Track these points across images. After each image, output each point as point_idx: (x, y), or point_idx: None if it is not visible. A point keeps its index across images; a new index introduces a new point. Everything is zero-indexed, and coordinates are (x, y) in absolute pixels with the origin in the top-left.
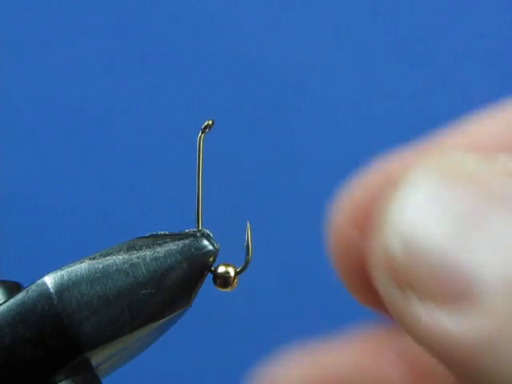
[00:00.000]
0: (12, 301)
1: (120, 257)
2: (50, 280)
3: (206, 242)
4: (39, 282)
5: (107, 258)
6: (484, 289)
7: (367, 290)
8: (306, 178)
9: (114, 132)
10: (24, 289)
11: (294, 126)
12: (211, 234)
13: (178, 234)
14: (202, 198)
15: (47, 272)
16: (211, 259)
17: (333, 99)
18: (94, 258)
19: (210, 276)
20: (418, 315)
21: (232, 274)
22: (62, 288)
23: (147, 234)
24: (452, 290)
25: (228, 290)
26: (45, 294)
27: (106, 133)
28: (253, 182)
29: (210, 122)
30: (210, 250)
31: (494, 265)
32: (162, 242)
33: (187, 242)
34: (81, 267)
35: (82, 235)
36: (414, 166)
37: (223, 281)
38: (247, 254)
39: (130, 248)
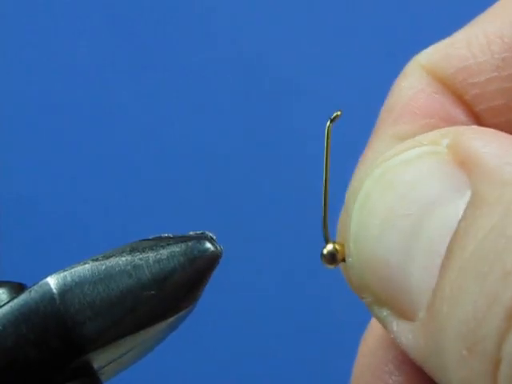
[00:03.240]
0: (15, 301)
1: (123, 258)
2: (52, 281)
3: (209, 245)
4: (42, 282)
5: (110, 259)
6: (418, 307)
7: None
8: (306, 177)
9: (117, 134)
10: (27, 289)
11: (293, 126)
12: (214, 237)
13: (181, 237)
14: (328, 198)
15: (50, 273)
16: (214, 262)
17: (332, 99)
18: (97, 260)
19: (212, 278)
20: (382, 320)
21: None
22: (65, 289)
23: (151, 237)
24: (396, 303)
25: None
26: (47, 295)
27: (108, 134)
28: (253, 182)
29: (339, 113)
30: (214, 253)
31: (428, 281)
32: (165, 244)
33: (190, 244)
34: (84, 268)
35: (86, 237)
36: (366, 174)
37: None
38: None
39: (134, 250)
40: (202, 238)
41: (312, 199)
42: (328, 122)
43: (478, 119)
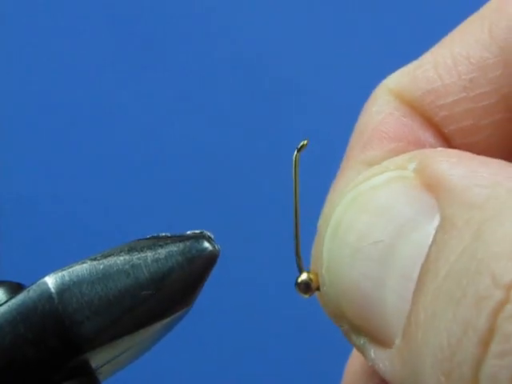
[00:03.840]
0: (13, 301)
1: (121, 258)
2: (51, 280)
3: (207, 244)
4: (40, 281)
5: (108, 258)
6: (394, 333)
7: None
8: (305, 176)
9: (117, 134)
10: (25, 289)
11: (293, 126)
12: (212, 236)
13: (179, 236)
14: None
15: (48, 272)
16: (213, 261)
17: (332, 99)
18: (95, 259)
19: (211, 277)
20: (359, 348)
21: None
22: (63, 288)
23: (149, 236)
24: (372, 330)
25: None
26: (46, 294)
27: (108, 134)
28: (251, 181)
29: (306, 142)
30: (212, 252)
31: (402, 308)
32: (163, 243)
33: (188, 243)
34: (82, 268)
35: (86, 237)
36: (336, 201)
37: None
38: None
39: (132, 249)
40: (200, 237)
41: (310, 199)
42: (295, 152)
43: (448, 141)
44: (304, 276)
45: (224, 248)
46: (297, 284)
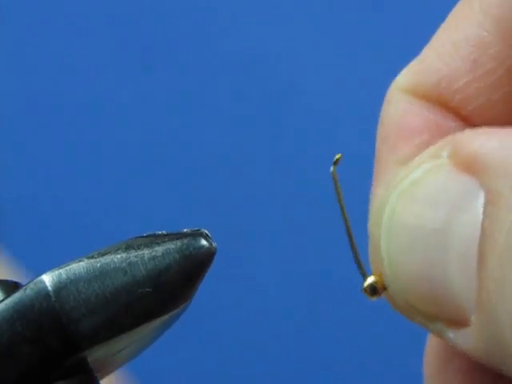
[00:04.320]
0: (10, 299)
1: (118, 255)
2: (47, 278)
3: (204, 242)
4: (37, 280)
5: (105, 256)
6: (468, 311)
7: None
8: (303, 176)
9: (116, 134)
10: (22, 287)
11: (292, 126)
12: (209, 234)
13: (176, 234)
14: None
15: (45, 271)
16: (210, 259)
17: (332, 100)
18: (92, 257)
19: (208, 275)
20: (438, 334)
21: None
22: (60, 286)
23: (146, 234)
24: (446, 314)
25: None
26: (43, 292)
27: (107, 134)
28: (250, 181)
29: (340, 155)
30: (208, 250)
31: (470, 284)
32: (160, 241)
33: (185, 241)
34: (79, 265)
35: (86, 237)
36: (383, 204)
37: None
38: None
39: (129, 247)
40: (198, 234)
41: (308, 198)
42: (332, 168)
43: (468, 121)
44: (370, 279)
45: (221, 246)
46: (364, 289)
